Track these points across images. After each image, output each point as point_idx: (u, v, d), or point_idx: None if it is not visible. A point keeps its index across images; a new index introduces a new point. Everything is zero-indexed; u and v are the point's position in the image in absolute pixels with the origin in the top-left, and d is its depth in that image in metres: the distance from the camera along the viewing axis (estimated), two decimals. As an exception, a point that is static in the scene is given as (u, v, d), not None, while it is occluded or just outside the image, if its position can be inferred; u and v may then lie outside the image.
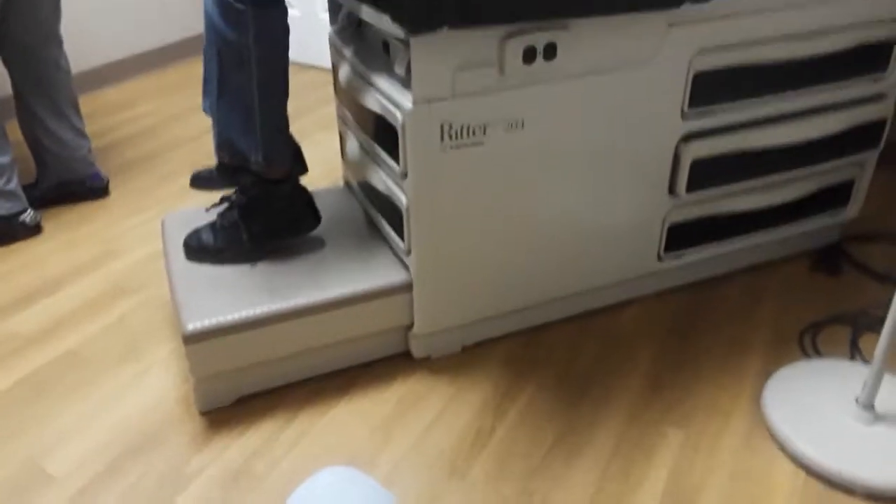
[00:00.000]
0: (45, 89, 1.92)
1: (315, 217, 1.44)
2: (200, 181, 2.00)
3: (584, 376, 1.39)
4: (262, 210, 1.39)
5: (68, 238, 1.89)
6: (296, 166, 1.40)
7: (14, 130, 1.97)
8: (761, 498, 1.14)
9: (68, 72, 1.97)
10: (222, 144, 1.34)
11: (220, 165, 1.38)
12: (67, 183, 2.02)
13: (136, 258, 1.79)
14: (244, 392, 1.34)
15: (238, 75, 1.27)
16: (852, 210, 1.67)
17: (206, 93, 1.35)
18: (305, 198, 1.43)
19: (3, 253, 1.83)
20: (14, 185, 1.83)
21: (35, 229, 1.89)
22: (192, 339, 1.23)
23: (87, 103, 2.74)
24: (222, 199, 1.46)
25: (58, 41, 1.92)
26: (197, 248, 1.40)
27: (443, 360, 1.43)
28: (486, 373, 1.40)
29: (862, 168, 1.62)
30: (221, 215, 1.42)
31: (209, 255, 1.40)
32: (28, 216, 1.87)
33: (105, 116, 2.61)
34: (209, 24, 1.26)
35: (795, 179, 1.56)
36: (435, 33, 1.12)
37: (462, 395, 1.34)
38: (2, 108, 1.87)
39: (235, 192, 1.42)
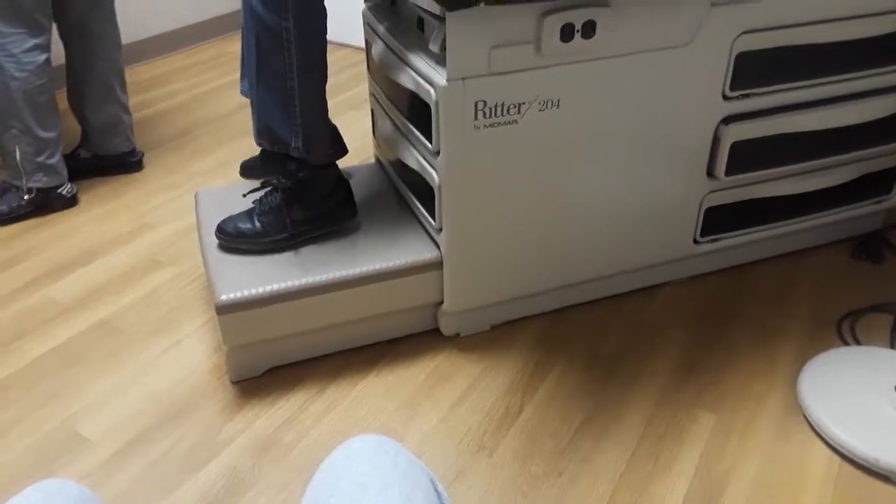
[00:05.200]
0: (94, 61, 1.95)
1: (354, 208, 1.42)
2: (250, 170, 2.00)
3: (615, 357, 1.37)
4: (306, 195, 1.36)
5: (103, 210, 1.91)
6: (335, 149, 1.39)
7: (63, 100, 2.01)
8: (795, 484, 1.12)
9: (118, 45, 1.99)
10: (262, 131, 1.32)
11: (264, 152, 1.37)
12: (104, 156, 2.05)
13: (169, 231, 1.81)
14: (275, 363, 1.36)
15: (277, 59, 1.25)
16: None
17: (244, 75, 1.35)
18: (347, 187, 1.42)
19: (39, 223, 1.86)
20: (56, 159, 1.86)
21: (71, 201, 1.92)
22: (224, 310, 1.24)
23: (122, 80, 2.77)
24: (263, 184, 1.42)
25: (110, 14, 1.94)
26: (234, 234, 1.36)
27: (472, 338, 1.43)
28: (516, 352, 1.39)
29: (907, 154, 1.58)
30: (261, 201, 1.38)
31: (247, 241, 1.35)
32: (66, 189, 1.90)
33: (139, 92, 2.64)
34: (248, 7, 1.25)
35: (838, 165, 1.52)
36: (471, 9, 1.11)
37: (490, 374, 1.34)
38: (56, 77, 1.91)
39: (279, 177, 1.39)
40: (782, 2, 1.29)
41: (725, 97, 1.35)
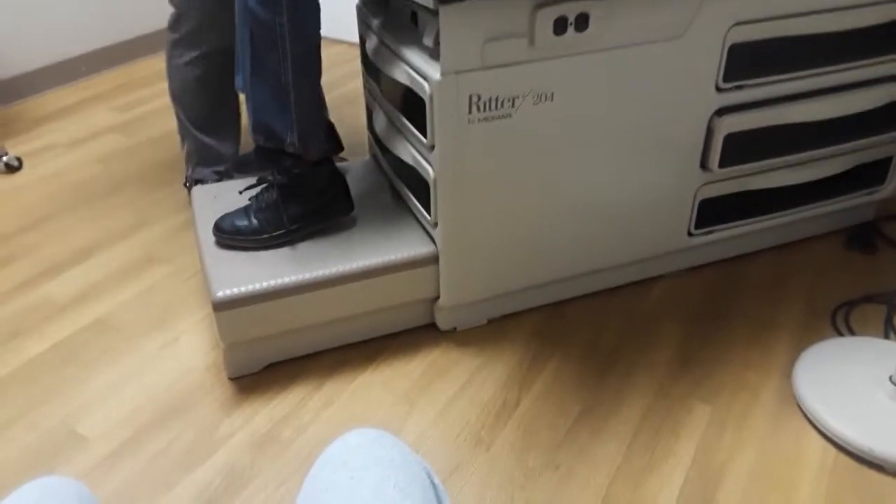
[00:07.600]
0: None
1: (350, 203, 1.43)
2: (244, 166, 1.99)
3: (611, 350, 1.38)
4: (302, 191, 1.36)
5: (98, 207, 1.91)
6: (330, 145, 1.39)
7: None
8: (790, 474, 1.13)
9: None
10: (257, 127, 1.32)
11: (259, 148, 1.37)
12: None
13: (165, 228, 1.81)
14: (273, 359, 1.36)
15: (271, 55, 1.25)
16: (889, 188, 1.63)
17: (238, 69, 1.35)
18: (342, 182, 1.42)
19: (35, 222, 1.86)
20: None
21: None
22: (221, 307, 1.24)
23: (119, 76, 2.76)
24: (260, 180, 1.43)
25: None
26: (231, 231, 1.36)
27: (468, 332, 1.43)
28: (512, 345, 1.39)
29: (900, 145, 1.58)
30: (257, 197, 1.39)
31: (244, 238, 1.35)
32: None
33: (134, 90, 2.63)
34: (241, 3, 1.25)
35: (831, 156, 1.52)
36: (465, 3, 1.11)
37: (487, 367, 1.35)
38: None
39: (274, 173, 1.38)
40: (775, -7, 1.29)
41: (719, 89, 1.35)
